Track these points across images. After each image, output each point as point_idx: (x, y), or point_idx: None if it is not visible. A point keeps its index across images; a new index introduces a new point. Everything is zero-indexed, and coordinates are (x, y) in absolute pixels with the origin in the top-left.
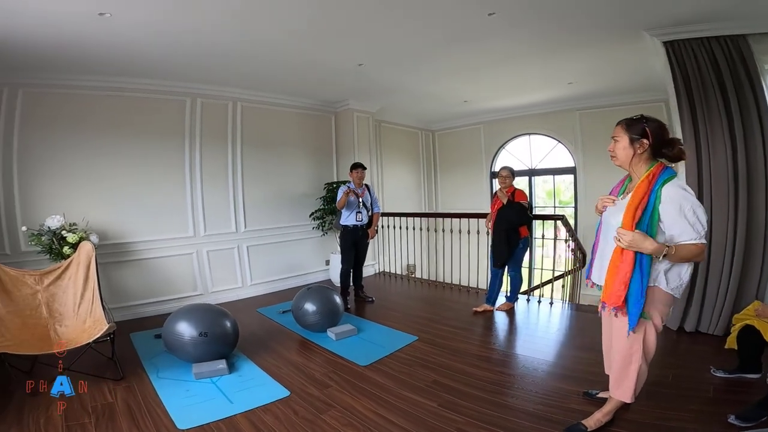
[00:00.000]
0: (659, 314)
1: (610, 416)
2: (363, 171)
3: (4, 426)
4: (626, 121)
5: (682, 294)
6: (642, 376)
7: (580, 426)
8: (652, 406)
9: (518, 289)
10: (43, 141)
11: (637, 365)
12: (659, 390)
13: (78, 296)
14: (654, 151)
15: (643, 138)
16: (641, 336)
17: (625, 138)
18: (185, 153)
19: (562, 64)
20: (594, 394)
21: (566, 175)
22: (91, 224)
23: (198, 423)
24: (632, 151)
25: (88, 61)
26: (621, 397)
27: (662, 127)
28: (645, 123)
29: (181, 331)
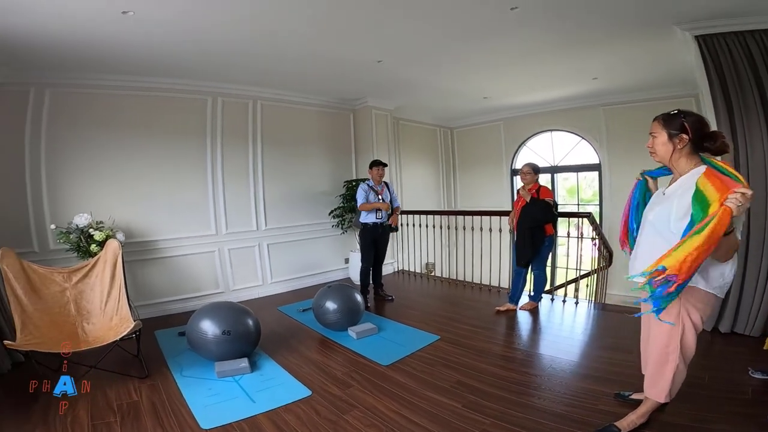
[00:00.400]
0: (698, 313)
1: (645, 418)
2: (383, 168)
3: (30, 425)
4: (663, 116)
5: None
6: (679, 376)
7: (613, 428)
8: (688, 407)
9: (542, 289)
10: (70, 140)
11: (674, 364)
12: (695, 391)
13: (105, 294)
14: (695, 145)
15: (682, 133)
16: (679, 334)
17: (663, 134)
18: (207, 152)
19: (587, 59)
20: (627, 395)
21: (589, 173)
22: (117, 222)
23: (221, 423)
24: (672, 146)
25: (112, 61)
26: (655, 396)
27: (701, 121)
28: (683, 118)
29: (205, 329)
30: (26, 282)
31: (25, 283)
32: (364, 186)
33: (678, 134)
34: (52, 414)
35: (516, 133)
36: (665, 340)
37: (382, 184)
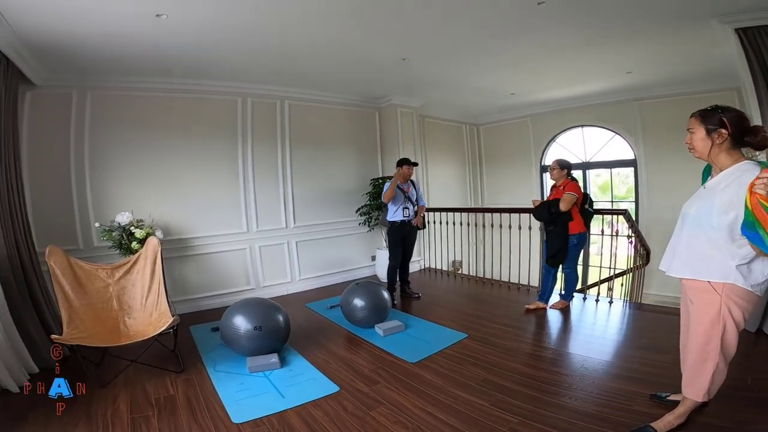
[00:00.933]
0: (740, 310)
1: (683, 419)
2: (412, 168)
3: (73, 418)
4: (700, 112)
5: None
6: (719, 376)
7: (649, 428)
8: (729, 409)
9: (573, 288)
10: (112, 141)
11: (714, 362)
12: (737, 393)
13: (145, 289)
14: (735, 140)
15: (720, 128)
16: (720, 332)
17: (701, 130)
18: (238, 151)
19: (620, 53)
20: (664, 396)
21: (622, 169)
22: (155, 220)
23: (251, 417)
24: (710, 141)
25: (148, 64)
26: (693, 396)
27: (741, 116)
28: (721, 113)
29: (237, 325)
30: (73, 278)
31: (71, 279)
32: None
33: (716, 129)
34: (95, 407)
35: (545, 129)
36: (705, 338)
37: (408, 182)
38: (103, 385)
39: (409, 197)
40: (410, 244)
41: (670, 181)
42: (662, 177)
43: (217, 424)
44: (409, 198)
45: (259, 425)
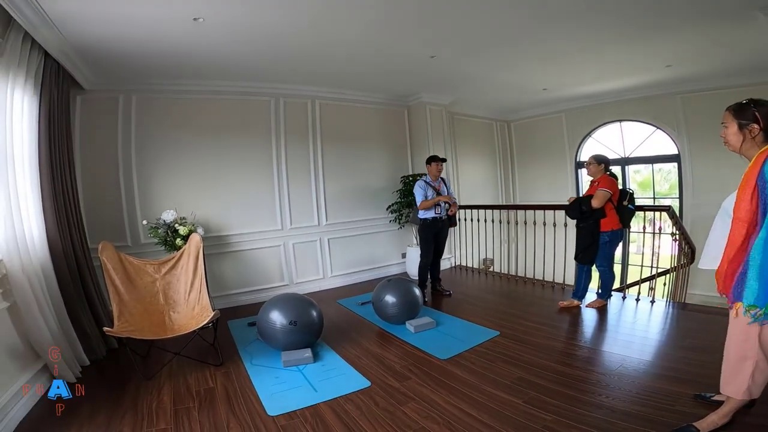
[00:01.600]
0: None
1: (727, 418)
2: (441, 164)
3: (121, 409)
4: (734, 106)
5: None
6: (760, 374)
7: (692, 428)
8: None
9: (610, 286)
10: (156, 142)
11: (753, 361)
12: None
13: (188, 285)
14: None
15: (753, 123)
16: (757, 330)
17: (734, 124)
18: (272, 150)
19: (659, 46)
20: (708, 396)
21: (665, 164)
22: (197, 218)
23: (286, 410)
24: (742, 136)
25: (186, 67)
26: (732, 393)
27: None
28: (754, 107)
29: (274, 319)
30: (123, 273)
31: (122, 274)
32: (421, 183)
33: (749, 124)
34: (141, 399)
35: (579, 124)
36: (743, 336)
37: (439, 180)
38: (149, 377)
39: (440, 194)
40: (442, 242)
41: (717, 177)
42: (708, 172)
43: (254, 416)
44: (440, 195)
45: (293, 418)
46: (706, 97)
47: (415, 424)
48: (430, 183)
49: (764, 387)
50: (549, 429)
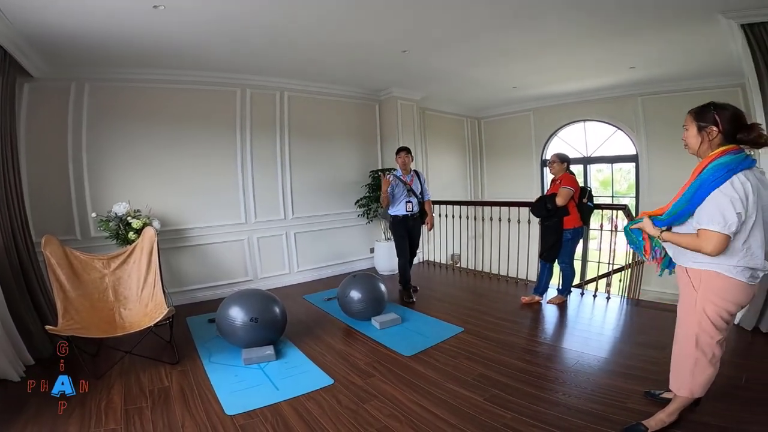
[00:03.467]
0: (715, 305)
1: (674, 416)
2: (407, 155)
3: (68, 408)
4: (695, 109)
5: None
6: (700, 373)
7: (640, 426)
8: (723, 408)
9: (570, 282)
10: (110, 132)
11: (693, 359)
12: (732, 392)
13: (141, 280)
14: (728, 137)
15: (712, 125)
16: (695, 330)
17: (693, 126)
18: (237, 142)
19: (624, 47)
20: (657, 394)
21: (624, 165)
22: (152, 211)
23: (245, 409)
24: (700, 138)
25: (147, 55)
26: (677, 390)
27: (735, 114)
28: (714, 110)
29: (234, 316)
30: (69, 268)
31: (67, 269)
32: (391, 176)
33: (707, 126)
34: (89, 398)
35: (546, 123)
36: (685, 333)
37: (411, 173)
38: (98, 377)
39: (412, 190)
40: (415, 239)
41: (672, 177)
42: (664, 173)
43: (211, 415)
44: (412, 191)
45: (252, 417)
46: (664, 99)
47: (377, 423)
48: (400, 177)
49: (708, 386)
50: (509, 427)
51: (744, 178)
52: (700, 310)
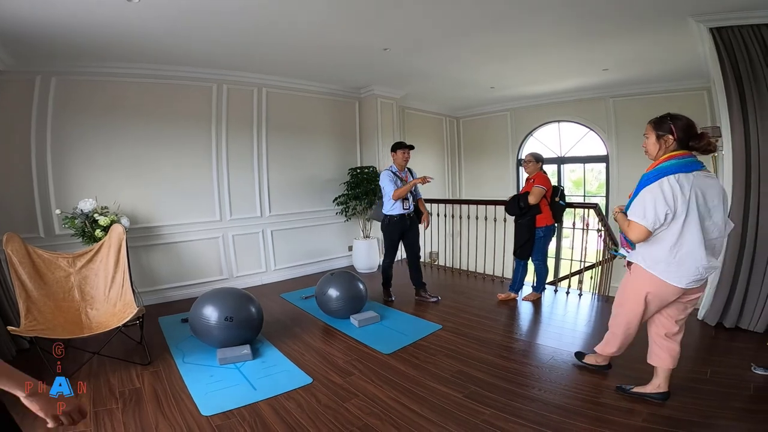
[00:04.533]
0: (633, 291)
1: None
2: (409, 151)
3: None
4: (654, 119)
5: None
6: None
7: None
8: (689, 402)
9: (544, 279)
10: (77, 127)
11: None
12: (697, 386)
13: (109, 279)
14: (682, 145)
15: (668, 134)
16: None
17: (653, 135)
18: (212, 138)
19: (598, 50)
20: (628, 389)
21: (595, 164)
22: (121, 208)
23: (221, 409)
24: (659, 146)
25: (119, 49)
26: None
27: (688, 125)
28: (670, 121)
29: (208, 315)
30: (31, 267)
31: (30, 269)
32: (388, 173)
33: (665, 135)
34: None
35: (523, 123)
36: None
37: (406, 170)
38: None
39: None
40: (415, 239)
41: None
42: (631, 173)
43: (186, 416)
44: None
45: (229, 417)
46: (634, 101)
47: (357, 421)
48: (397, 173)
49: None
50: (487, 423)
51: (674, 181)
52: (630, 291)
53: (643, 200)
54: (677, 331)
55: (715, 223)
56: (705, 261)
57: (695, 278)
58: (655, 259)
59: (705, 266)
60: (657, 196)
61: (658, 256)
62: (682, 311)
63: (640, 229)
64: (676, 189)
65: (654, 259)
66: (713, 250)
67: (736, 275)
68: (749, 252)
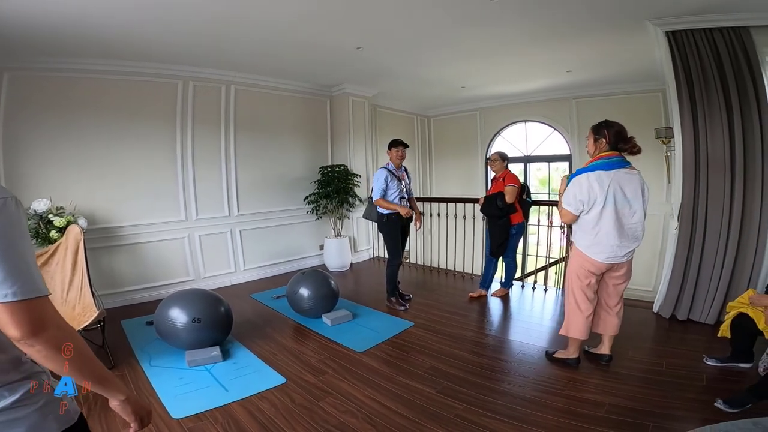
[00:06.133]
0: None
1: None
2: (404, 149)
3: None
4: (594, 126)
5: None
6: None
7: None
8: (647, 393)
9: (512, 276)
10: (31, 124)
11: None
12: (653, 377)
13: (66, 282)
14: (612, 147)
15: (602, 138)
16: (569, 283)
17: (591, 138)
18: (177, 137)
19: (563, 52)
20: (551, 353)
21: (560, 163)
22: (79, 208)
23: (192, 412)
24: (596, 147)
25: (78, 44)
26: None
27: (619, 131)
28: (605, 127)
29: (174, 317)
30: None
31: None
32: (383, 172)
33: (599, 139)
34: None
35: (492, 122)
36: (567, 286)
37: (402, 168)
38: None
39: (405, 187)
40: (406, 237)
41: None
42: None
43: (155, 420)
44: (405, 188)
45: (201, 419)
46: (595, 102)
47: (333, 419)
48: (393, 171)
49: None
50: (461, 418)
51: (593, 177)
52: (572, 267)
53: (571, 192)
54: (615, 304)
55: (634, 211)
56: (617, 241)
57: (611, 254)
58: (582, 239)
59: (618, 245)
60: (576, 188)
61: (584, 236)
62: (615, 286)
63: (567, 214)
64: (593, 183)
65: (582, 239)
66: (633, 233)
67: (686, 269)
68: (698, 247)
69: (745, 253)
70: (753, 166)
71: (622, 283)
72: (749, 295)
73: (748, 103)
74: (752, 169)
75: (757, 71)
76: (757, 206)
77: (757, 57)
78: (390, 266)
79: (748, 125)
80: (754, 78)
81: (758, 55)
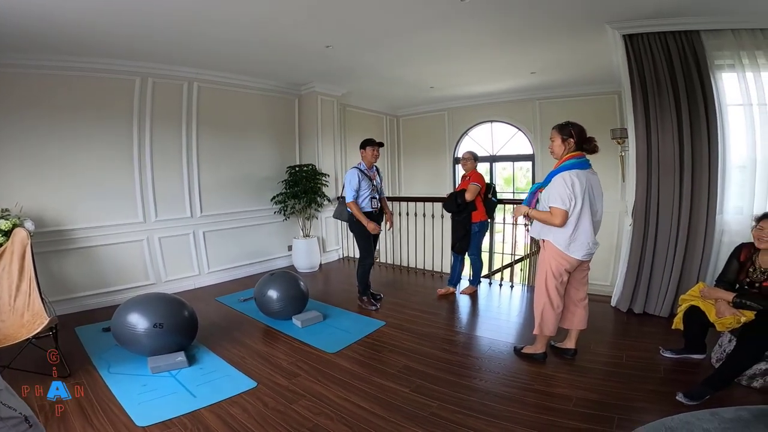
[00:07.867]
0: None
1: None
2: (378, 149)
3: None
4: (558, 126)
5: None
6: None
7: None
8: (610, 386)
9: (479, 273)
10: None
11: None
12: (615, 370)
13: (13, 288)
14: (577, 146)
15: (570, 138)
16: (543, 282)
17: (558, 138)
18: (134, 135)
19: (528, 54)
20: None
21: (524, 163)
22: (26, 210)
23: (159, 419)
24: (564, 147)
25: (25, 39)
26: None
27: (582, 130)
28: (571, 126)
29: (133, 323)
30: None
31: None
32: (354, 172)
33: (567, 139)
34: None
35: (459, 122)
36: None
37: (374, 168)
38: None
39: (376, 186)
40: (377, 237)
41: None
42: None
43: (119, 428)
44: (376, 187)
45: (169, 427)
46: (557, 103)
47: (307, 422)
48: (365, 171)
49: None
50: (435, 415)
51: (574, 176)
52: (546, 266)
53: (558, 191)
54: (583, 297)
55: (597, 209)
56: (592, 238)
57: (588, 251)
58: (561, 237)
59: (593, 242)
60: (561, 186)
61: (562, 234)
62: (581, 280)
63: (561, 213)
64: (576, 181)
65: (560, 237)
66: (597, 230)
67: (640, 264)
68: (651, 243)
69: (694, 247)
70: (700, 167)
71: (585, 275)
72: (700, 288)
73: (697, 106)
74: (699, 169)
75: (705, 74)
76: (704, 204)
77: (707, 60)
78: (362, 266)
79: (696, 127)
80: (703, 81)
81: (707, 58)
